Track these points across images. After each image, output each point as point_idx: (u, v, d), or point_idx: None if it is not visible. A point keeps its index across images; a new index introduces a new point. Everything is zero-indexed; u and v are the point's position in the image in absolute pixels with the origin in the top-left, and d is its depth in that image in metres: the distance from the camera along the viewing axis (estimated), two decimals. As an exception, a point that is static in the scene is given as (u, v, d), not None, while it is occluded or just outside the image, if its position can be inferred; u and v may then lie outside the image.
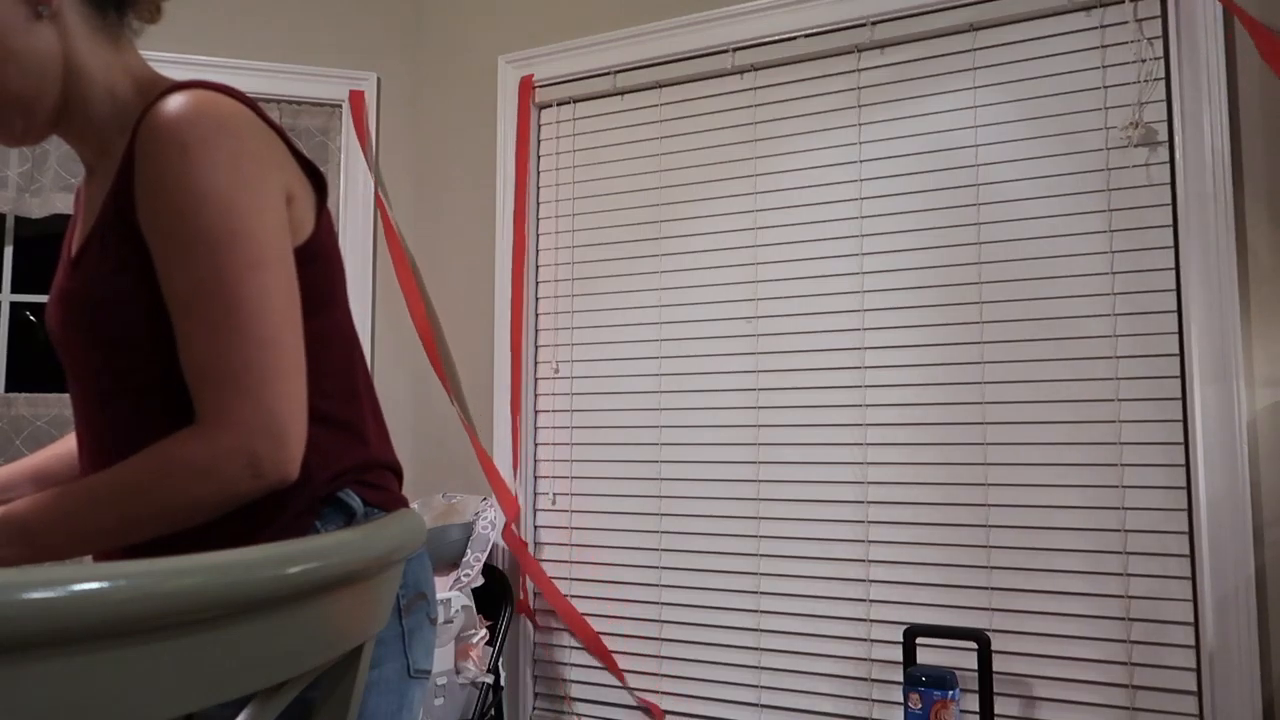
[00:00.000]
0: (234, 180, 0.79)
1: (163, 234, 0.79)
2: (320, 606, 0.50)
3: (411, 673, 0.92)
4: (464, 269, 2.70)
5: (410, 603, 0.93)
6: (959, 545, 2.01)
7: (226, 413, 0.77)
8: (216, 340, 0.77)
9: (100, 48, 0.89)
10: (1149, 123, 1.91)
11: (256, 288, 0.78)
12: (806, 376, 2.19)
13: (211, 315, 0.77)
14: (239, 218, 0.78)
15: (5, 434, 2.41)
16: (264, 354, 0.78)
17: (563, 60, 2.55)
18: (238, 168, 0.79)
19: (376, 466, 0.94)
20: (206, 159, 0.78)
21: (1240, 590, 1.75)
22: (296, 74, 2.69)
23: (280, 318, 0.79)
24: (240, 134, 0.80)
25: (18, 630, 0.34)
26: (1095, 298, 1.93)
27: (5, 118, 0.86)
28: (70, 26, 0.86)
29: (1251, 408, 1.79)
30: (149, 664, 0.39)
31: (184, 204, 0.78)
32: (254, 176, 0.80)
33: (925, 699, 1.80)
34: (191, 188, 0.78)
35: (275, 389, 0.78)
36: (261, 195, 0.80)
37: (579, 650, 2.42)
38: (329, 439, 0.90)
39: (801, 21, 2.22)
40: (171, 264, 0.79)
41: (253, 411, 0.77)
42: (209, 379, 0.77)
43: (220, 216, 0.78)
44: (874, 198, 2.15)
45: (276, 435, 0.77)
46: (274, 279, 0.80)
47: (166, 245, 0.79)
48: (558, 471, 2.49)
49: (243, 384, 0.77)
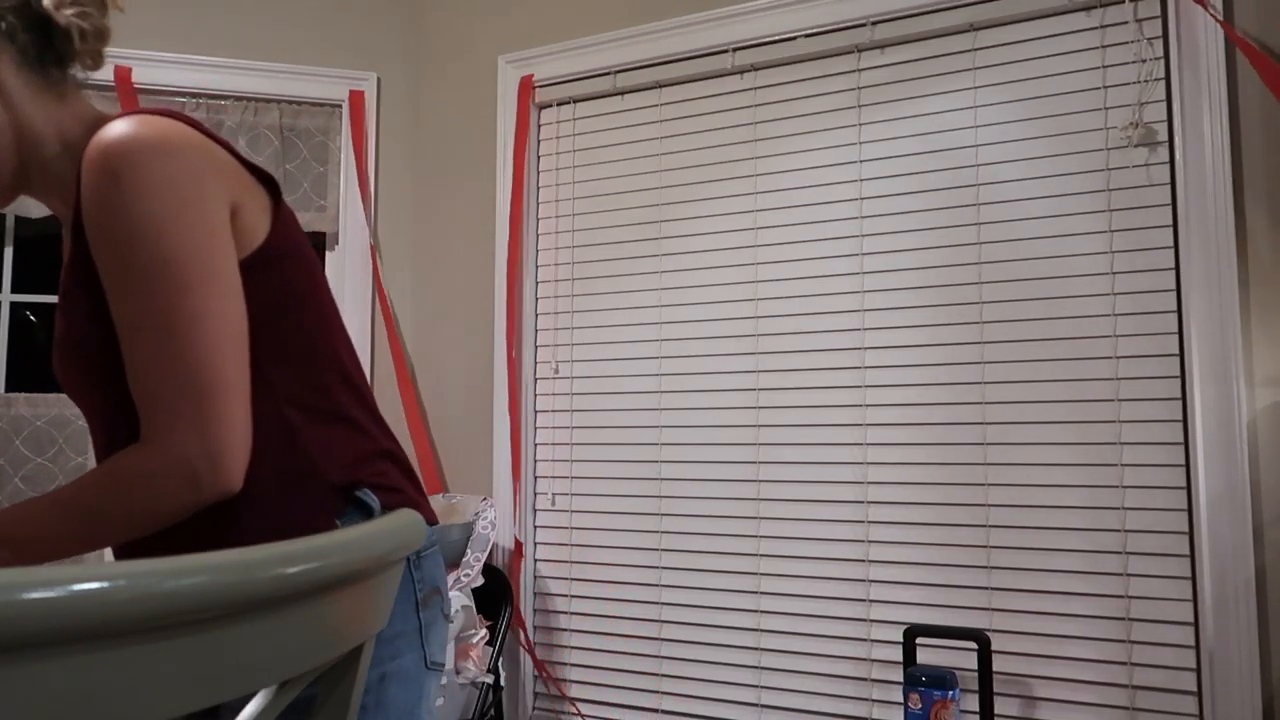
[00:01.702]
0: (166, 203, 0.80)
1: (103, 265, 0.81)
2: (320, 606, 0.50)
3: (428, 665, 0.95)
4: (464, 269, 2.70)
5: (427, 597, 0.95)
6: (959, 545, 2.01)
7: (165, 434, 0.80)
8: (152, 366, 0.80)
9: (47, 106, 0.90)
10: (1149, 123, 1.91)
11: (189, 312, 0.81)
12: (806, 376, 2.19)
13: (147, 342, 0.81)
14: (170, 242, 0.80)
15: (5, 434, 2.41)
16: (199, 376, 0.81)
17: (563, 60, 2.55)
18: (170, 189, 0.80)
19: (375, 456, 0.95)
20: (137, 185, 0.80)
21: (1240, 590, 1.75)
22: (296, 74, 2.69)
23: (214, 339, 0.82)
24: (173, 153, 0.81)
25: (18, 630, 0.34)
26: (1095, 298, 1.93)
27: None
28: (12, 94, 0.87)
29: (1251, 408, 1.79)
30: (149, 664, 0.39)
31: (118, 233, 0.80)
32: (190, 195, 0.81)
33: (925, 699, 1.80)
34: (124, 216, 0.79)
35: (209, 410, 0.80)
36: (197, 213, 0.82)
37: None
38: (323, 433, 0.91)
39: (801, 21, 2.22)
40: (112, 293, 0.82)
41: (187, 433, 0.80)
42: (148, 402, 0.81)
43: (152, 242, 0.80)
44: (874, 198, 2.15)
45: (212, 455, 0.81)
46: (207, 300, 0.81)
47: (107, 275, 0.82)
48: (557, 471, 2.49)
49: (178, 408, 0.80)
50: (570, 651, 2.43)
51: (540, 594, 2.48)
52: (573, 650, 2.43)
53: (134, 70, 2.54)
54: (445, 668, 1.03)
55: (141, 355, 0.81)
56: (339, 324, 0.97)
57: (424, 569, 0.95)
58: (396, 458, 0.99)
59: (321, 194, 2.69)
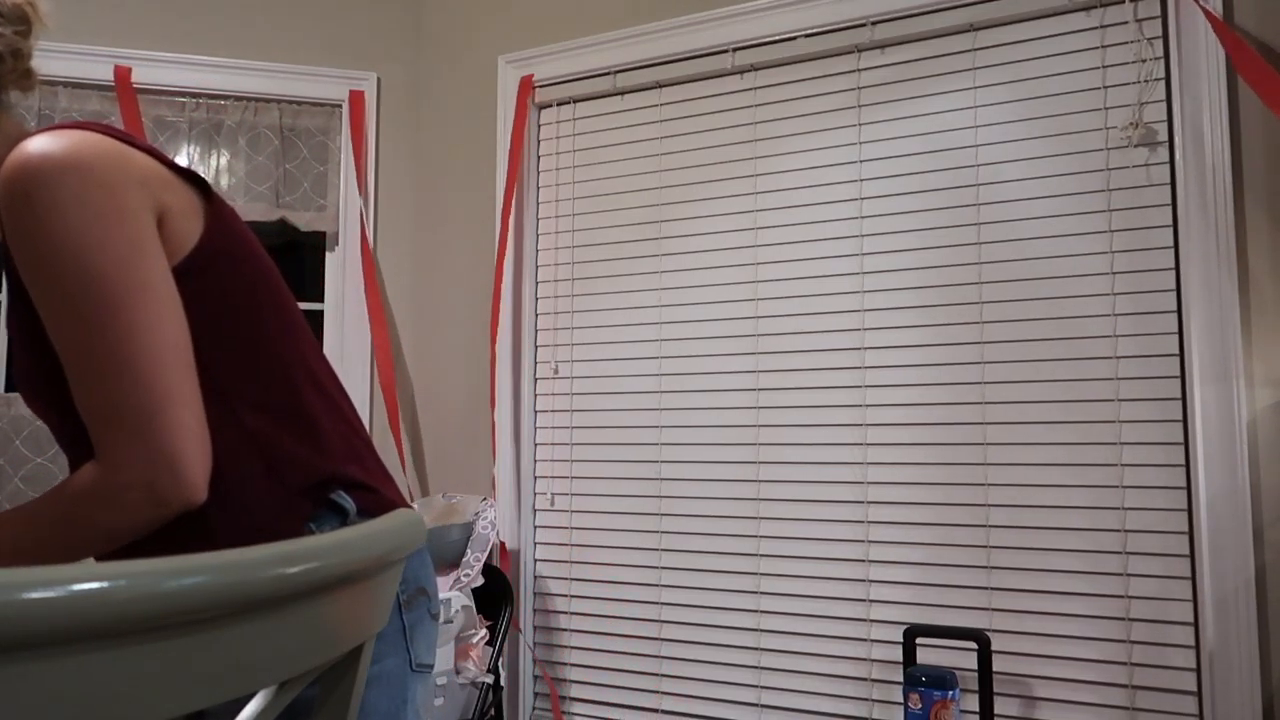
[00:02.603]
0: (83, 218, 0.78)
1: (31, 289, 0.80)
2: (320, 606, 0.50)
3: (414, 667, 0.93)
4: (464, 269, 2.70)
5: (411, 598, 0.93)
6: (959, 545, 2.01)
7: (119, 451, 0.79)
8: (95, 386, 0.79)
9: None
10: (1149, 123, 1.91)
11: (123, 327, 0.78)
12: (807, 376, 2.19)
13: (86, 363, 0.79)
14: (92, 259, 0.78)
15: (5, 434, 2.41)
16: (142, 392, 0.79)
17: (563, 60, 2.55)
18: (86, 203, 0.78)
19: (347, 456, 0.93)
20: (50, 203, 0.77)
21: (1240, 590, 1.75)
22: (296, 74, 2.69)
23: (153, 352, 0.80)
24: (85, 167, 0.79)
25: (18, 630, 0.34)
26: (1095, 298, 1.93)
27: None
28: None
29: (1251, 408, 1.79)
30: (149, 664, 0.39)
31: (39, 256, 0.78)
32: (107, 208, 0.79)
33: (925, 699, 1.80)
34: (42, 238, 0.77)
35: (160, 422, 0.79)
36: (117, 226, 0.79)
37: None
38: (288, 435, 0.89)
39: (801, 21, 2.22)
40: (45, 318, 0.80)
41: (143, 449, 0.79)
42: (97, 422, 0.79)
43: (74, 262, 0.77)
44: (874, 198, 2.15)
45: (170, 467, 0.79)
46: (138, 314, 0.79)
47: (36, 300, 0.80)
48: (557, 472, 2.49)
49: (129, 424, 0.79)
50: (570, 651, 2.43)
51: (540, 594, 2.48)
52: (573, 650, 2.43)
53: (134, 70, 2.54)
54: (435, 669, 1.01)
55: (83, 377, 0.79)
56: (297, 320, 0.94)
57: (407, 569, 0.93)
58: (369, 456, 0.96)
59: (321, 194, 2.69)
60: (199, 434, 0.82)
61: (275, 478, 0.87)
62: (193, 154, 2.60)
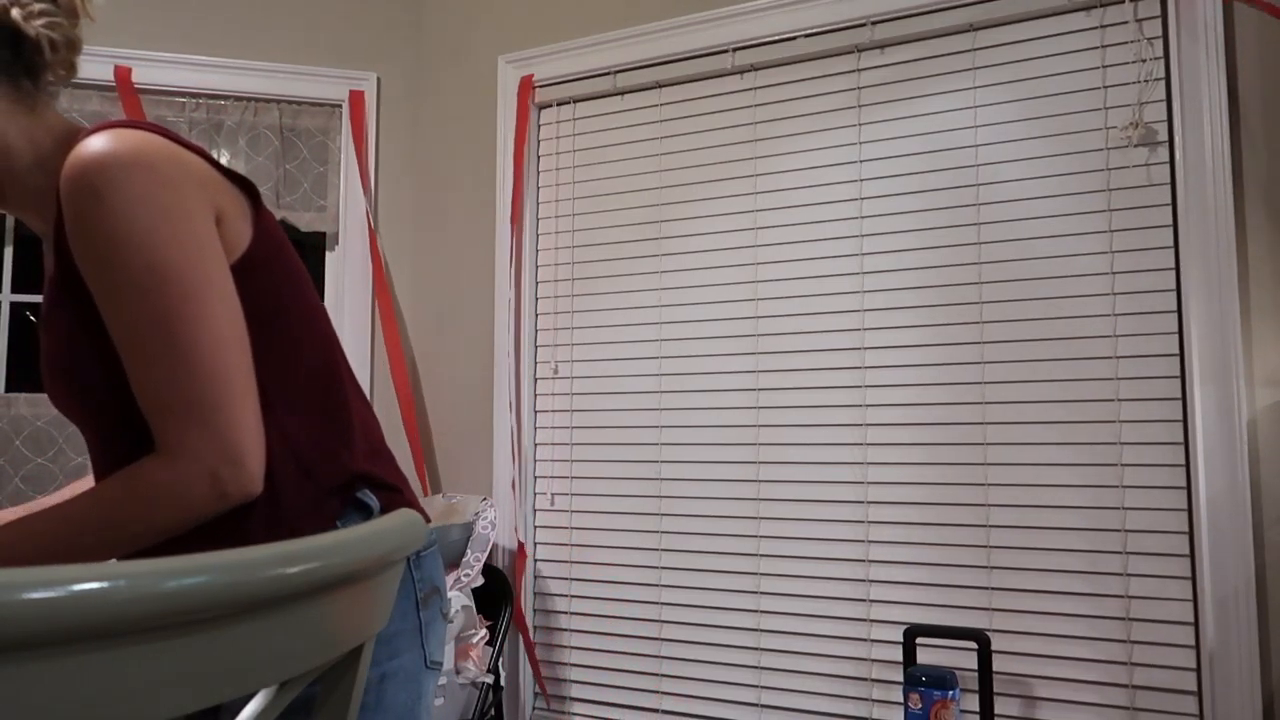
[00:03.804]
0: (152, 215, 0.79)
1: (95, 282, 0.81)
2: (320, 606, 0.50)
3: (428, 664, 0.95)
4: (464, 269, 2.70)
5: (427, 596, 0.95)
6: (959, 545, 2.01)
7: (185, 443, 0.80)
8: (161, 377, 0.80)
9: (18, 118, 0.89)
10: (1149, 123, 1.91)
11: (190, 320, 0.80)
12: (807, 376, 2.19)
13: (152, 354, 0.80)
14: (162, 254, 0.79)
15: (5, 434, 2.41)
16: (209, 384, 0.80)
17: (563, 60, 2.55)
18: (154, 201, 0.80)
19: (371, 455, 0.96)
20: (121, 200, 0.79)
21: (1240, 590, 1.75)
22: (296, 74, 2.69)
23: (219, 345, 0.81)
24: (151, 165, 0.81)
25: (18, 630, 0.34)
26: (1095, 298, 1.93)
27: None
28: None
29: (1251, 408, 1.79)
30: (149, 664, 0.39)
31: (107, 250, 0.79)
32: (173, 206, 0.81)
33: (925, 699, 1.80)
34: (111, 233, 0.79)
35: (225, 416, 0.81)
36: (183, 223, 0.81)
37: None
38: (319, 435, 0.91)
39: (801, 21, 2.22)
40: (108, 309, 0.81)
41: (209, 440, 0.80)
42: (162, 413, 0.80)
43: (143, 256, 0.79)
44: (874, 198, 2.15)
45: (235, 460, 0.81)
46: (205, 307, 0.81)
47: (100, 292, 0.81)
48: (557, 471, 2.49)
49: (195, 416, 0.80)
50: (570, 651, 2.43)
51: (540, 594, 2.48)
52: (573, 650, 2.43)
53: (134, 70, 2.54)
54: (444, 667, 1.02)
55: (146, 367, 0.80)
56: (328, 324, 0.97)
57: (424, 568, 0.96)
58: (389, 456, 1.00)
59: (321, 194, 2.69)
60: (258, 427, 0.83)
61: (308, 477, 0.89)
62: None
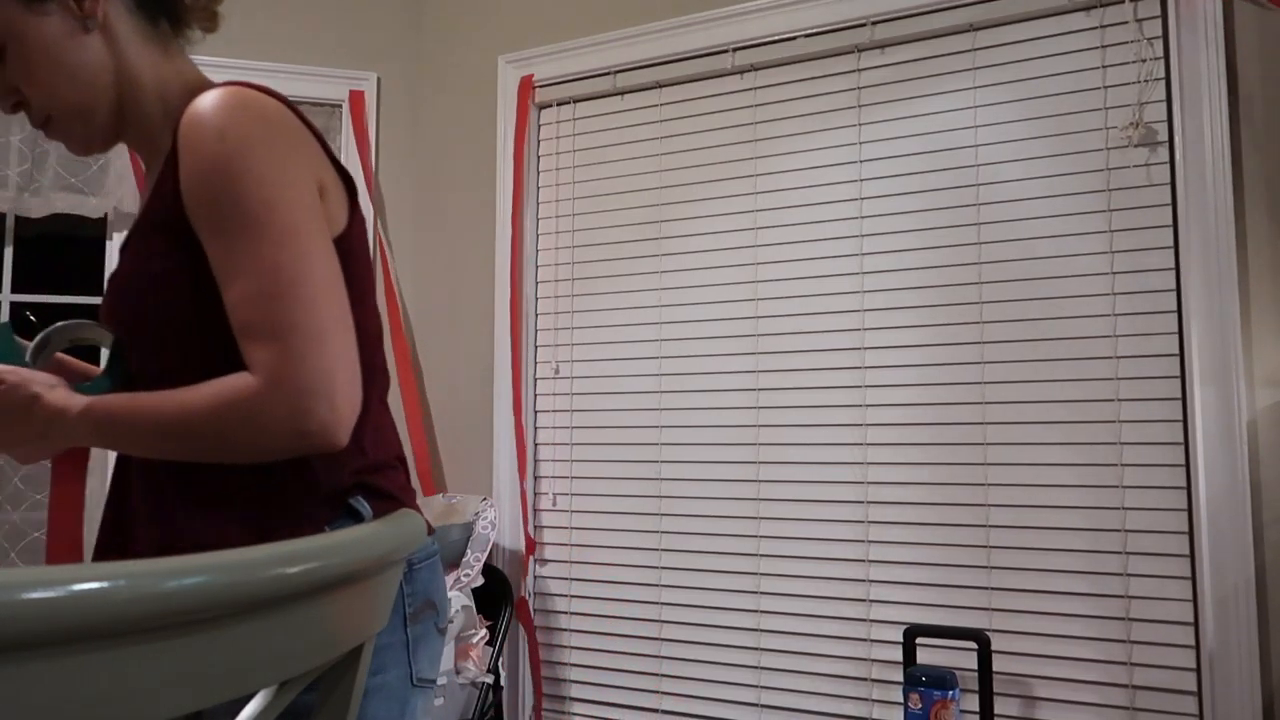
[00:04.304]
0: (269, 161, 0.82)
1: (207, 213, 0.83)
2: (320, 606, 0.50)
3: (415, 681, 0.92)
4: (464, 269, 2.70)
5: (418, 611, 0.92)
6: (959, 545, 2.01)
7: (279, 370, 0.79)
8: (262, 304, 0.81)
9: (151, 55, 0.93)
10: (1149, 123, 1.91)
11: (296, 254, 0.82)
12: (807, 376, 2.19)
13: (256, 281, 0.81)
14: (275, 192, 0.82)
15: (5, 434, 2.41)
16: (310, 315, 0.81)
17: (563, 60, 2.55)
18: (273, 150, 0.83)
19: (388, 462, 0.95)
20: (243, 142, 0.82)
21: (1240, 590, 1.75)
22: (296, 74, 2.69)
23: (322, 282, 0.82)
24: (273, 124, 0.84)
25: (18, 630, 0.34)
26: (1095, 298, 1.93)
27: (66, 126, 0.92)
28: (119, 37, 0.91)
29: (1251, 408, 1.79)
30: (149, 664, 0.39)
31: (225, 183, 0.81)
32: (288, 160, 0.84)
33: (925, 699, 1.80)
34: (230, 168, 0.81)
35: (323, 348, 0.81)
36: (296, 175, 0.84)
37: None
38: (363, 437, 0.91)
39: (801, 21, 2.22)
40: (217, 239, 0.82)
41: (301, 370, 0.80)
42: (259, 340, 0.80)
43: (258, 191, 0.81)
44: (874, 198, 2.15)
45: (327, 395, 0.80)
46: (312, 246, 0.83)
47: (211, 222, 0.82)
48: (558, 471, 2.49)
49: (292, 344, 0.80)
50: (570, 651, 2.43)
51: (540, 594, 2.48)
52: (573, 650, 2.43)
53: (134, 70, 2.53)
54: (437, 684, 0.99)
55: (249, 295, 0.81)
56: (380, 334, 0.97)
57: (416, 582, 0.93)
58: (397, 467, 0.98)
59: (321, 194, 2.69)
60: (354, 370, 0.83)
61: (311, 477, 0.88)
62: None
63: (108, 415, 0.84)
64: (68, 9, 0.88)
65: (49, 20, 0.87)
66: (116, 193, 2.50)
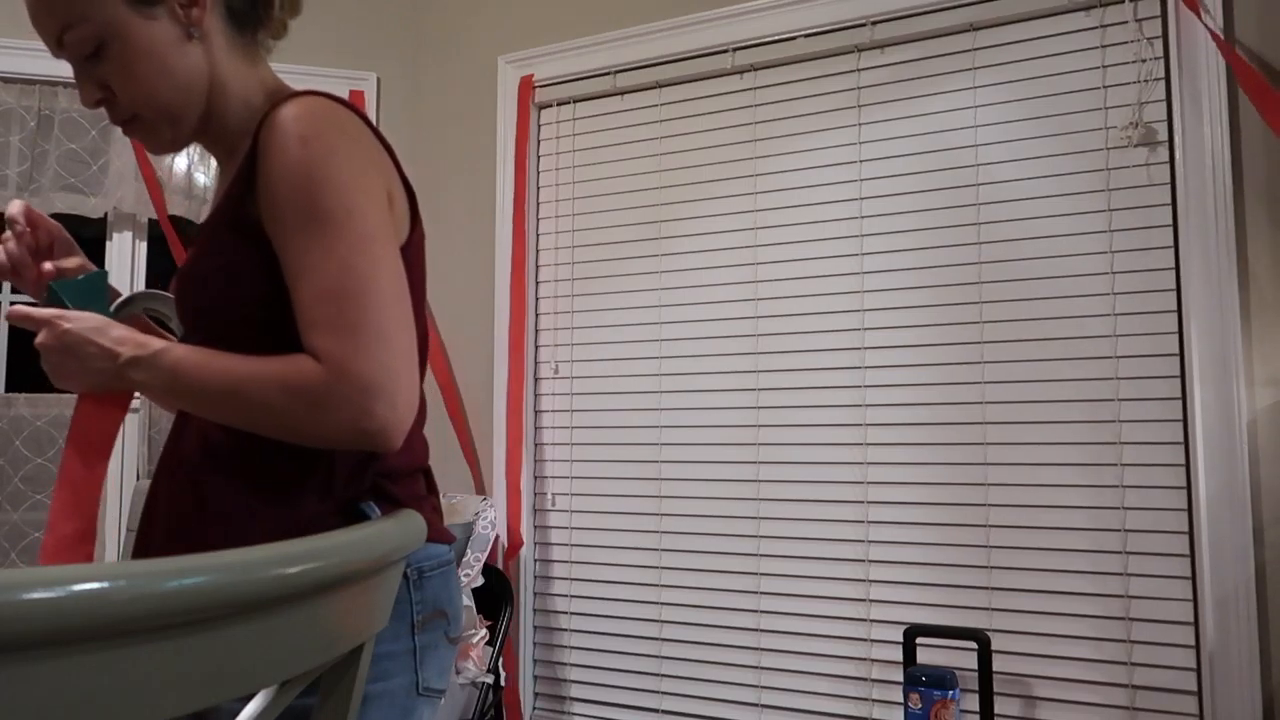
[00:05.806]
0: (349, 169, 0.86)
1: (283, 214, 0.85)
2: (320, 606, 0.51)
3: (420, 690, 0.90)
4: (464, 269, 2.70)
5: (427, 619, 0.91)
6: (959, 545, 2.01)
7: (346, 362, 0.81)
8: (335, 301, 0.82)
9: (239, 64, 0.97)
10: (1149, 123, 1.91)
11: (370, 258, 0.84)
12: (806, 376, 2.19)
13: (331, 279, 0.83)
14: (353, 198, 0.85)
15: (5, 434, 2.41)
16: (379, 315, 0.83)
17: (563, 60, 2.55)
18: (351, 160, 0.86)
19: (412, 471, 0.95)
20: (323, 149, 0.85)
21: (1240, 590, 1.75)
22: (296, 74, 2.68)
23: (391, 287, 0.85)
24: (350, 134, 0.88)
25: (18, 630, 0.34)
26: (1095, 298, 1.93)
27: (155, 128, 0.95)
28: (216, 47, 0.95)
29: (1251, 408, 1.79)
30: (149, 664, 0.39)
31: (304, 186, 0.84)
32: (366, 170, 0.87)
33: (925, 699, 1.80)
34: (310, 173, 0.84)
35: (390, 348, 0.83)
36: (371, 184, 0.87)
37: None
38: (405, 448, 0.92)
39: (801, 21, 2.22)
40: (295, 238, 0.84)
41: (368, 365, 0.81)
42: (328, 333, 0.82)
43: (336, 196, 0.84)
44: (874, 198, 2.15)
45: (390, 393, 0.82)
46: (385, 252, 0.85)
47: (287, 223, 0.85)
48: (558, 471, 2.49)
49: (360, 340, 0.81)
50: (570, 651, 2.43)
51: (540, 594, 2.48)
52: (573, 650, 2.43)
53: (134, 70, 2.53)
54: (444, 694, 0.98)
55: (321, 294, 0.83)
56: (424, 347, 0.98)
57: (427, 589, 0.92)
58: (418, 477, 0.97)
59: (321, 194, 2.69)
60: (414, 373, 0.85)
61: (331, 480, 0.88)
62: (193, 153, 2.60)
63: (182, 360, 0.86)
64: (175, 16, 0.91)
65: (156, 25, 0.90)
66: (116, 193, 2.50)
